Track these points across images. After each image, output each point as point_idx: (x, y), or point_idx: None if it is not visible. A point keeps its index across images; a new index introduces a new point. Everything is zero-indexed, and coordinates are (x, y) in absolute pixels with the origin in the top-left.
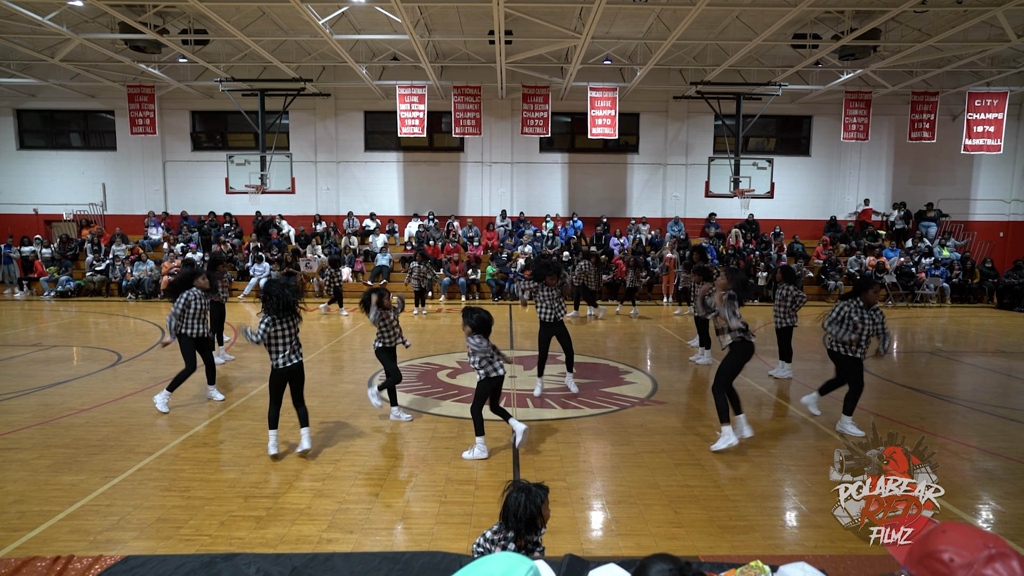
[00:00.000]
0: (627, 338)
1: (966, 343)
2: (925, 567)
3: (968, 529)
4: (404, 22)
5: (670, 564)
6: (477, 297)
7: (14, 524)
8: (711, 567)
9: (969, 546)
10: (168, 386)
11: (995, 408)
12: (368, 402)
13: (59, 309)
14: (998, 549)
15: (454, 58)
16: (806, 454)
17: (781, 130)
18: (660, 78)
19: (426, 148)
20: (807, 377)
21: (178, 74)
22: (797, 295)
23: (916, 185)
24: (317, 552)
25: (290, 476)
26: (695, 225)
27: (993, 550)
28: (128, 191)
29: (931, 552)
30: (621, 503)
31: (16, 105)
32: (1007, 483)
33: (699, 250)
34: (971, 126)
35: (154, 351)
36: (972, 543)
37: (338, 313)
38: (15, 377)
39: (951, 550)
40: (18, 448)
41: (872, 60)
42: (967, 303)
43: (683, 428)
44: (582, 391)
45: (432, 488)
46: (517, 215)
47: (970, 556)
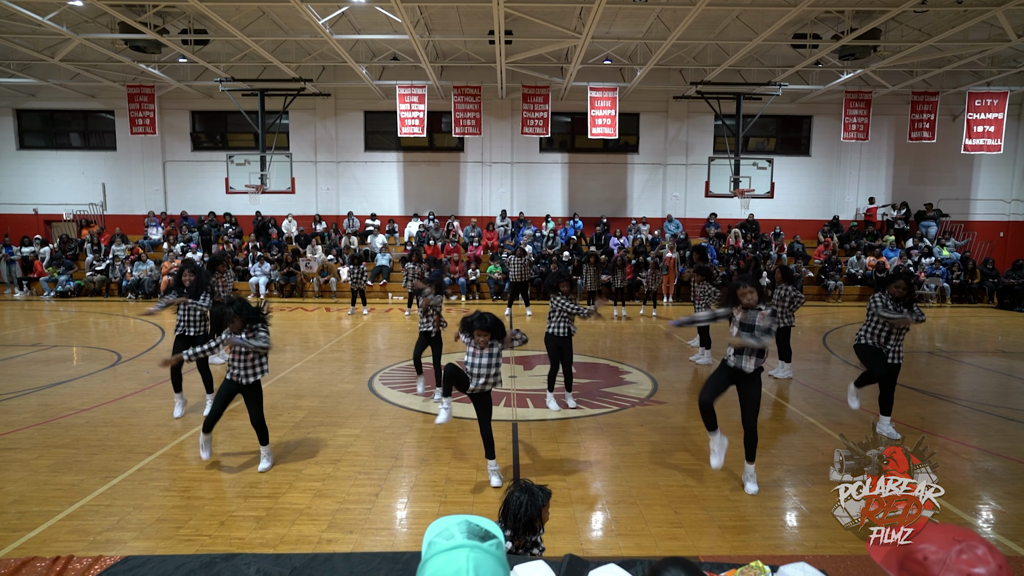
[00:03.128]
0: (627, 338)
1: (966, 343)
2: (906, 570)
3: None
4: (404, 22)
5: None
6: (477, 297)
7: (14, 524)
8: (711, 567)
9: (940, 542)
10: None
11: (995, 408)
12: (367, 402)
13: (59, 309)
14: (967, 542)
15: (454, 58)
16: (806, 454)
17: (781, 130)
18: (660, 78)
19: (426, 148)
20: (807, 377)
21: (178, 74)
22: (795, 295)
23: (916, 185)
24: (317, 552)
25: (290, 476)
26: (695, 225)
27: (963, 543)
28: (128, 191)
29: (908, 554)
30: (621, 503)
31: (16, 105)
32: (1007, 483)
33: (699, 250)
34: (971, 126)
35: (154, 351)
36: (942, 539)
37: (360, 312)
38: (15, 377)
39: (924, 548)
40: (18, 448)
41: (872, 60)
42: (967, 303)
43: (683, 428)
44: (582, 391)
45: (432, 488)
46: (517, 215)
47: (941, 552)
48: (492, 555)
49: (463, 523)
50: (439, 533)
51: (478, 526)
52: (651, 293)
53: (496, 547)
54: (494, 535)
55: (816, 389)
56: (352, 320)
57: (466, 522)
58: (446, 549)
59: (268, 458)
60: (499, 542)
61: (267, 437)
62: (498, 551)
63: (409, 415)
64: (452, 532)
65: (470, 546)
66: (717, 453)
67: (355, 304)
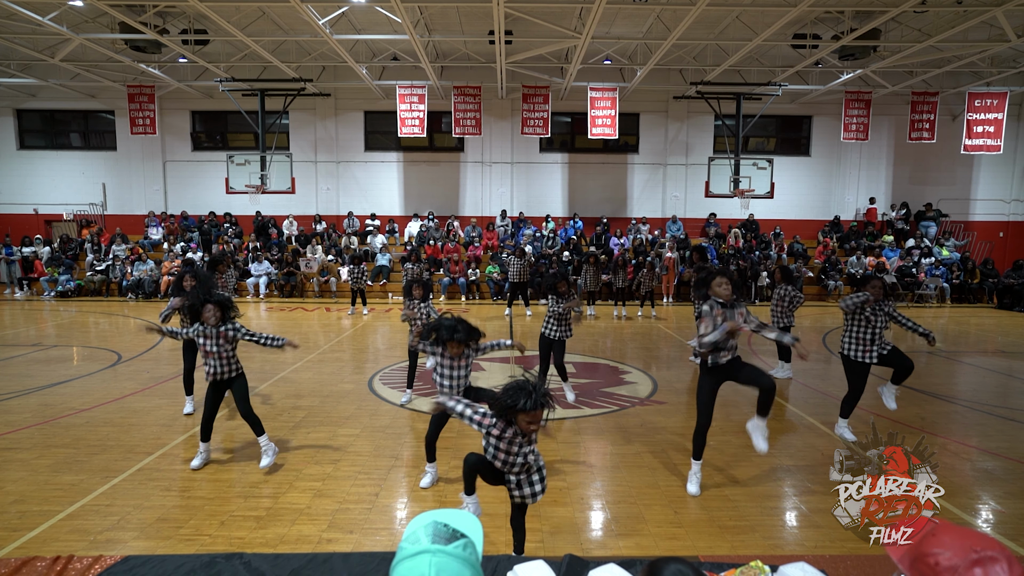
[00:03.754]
0: (627, 338)
1: (966, 343)
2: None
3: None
4: (404, 22)
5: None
6: (477, 297)
7: (14, 524)
8: (711, 567)
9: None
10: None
11: (995, 408)
12: (367, 402)
13: (59, 309)
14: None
15: (454, 58)
16: (806, 454)
17: (781, 130)
18: (660, 78)
19: (426, 148)
20: (807, 377)
21: (178, 74)
22: (795, 295)
23: (916, 185)
24: (317, 552)
25: (290, 476)
26: (695, 225)
27: (980, 554)
28: (128, 191)
29: (922, 554)
30: (621, 503)
31: (16, 105)
32: (1007, 483)
33: (699, 250)
34: (971, 126)
35: (154, 351)
36: (960, 546)
37: (360, 312)
38: (15, 377)
39: (939, 553)
40: (18, 448)
41: (872, 60)
42: (967, 303)
43: (683, 428)
44: (582, 391)
45: (432, 488)
46: (517, 215)
47: (955, 559)
48: (457, 557)
49: (430, 525)
50: (406, 537)
51: (446, 527)
52: (649, 294)
53: (463, 547)
54: (462, 535)
55: (816, 389)
56: (352, 320)
57: (434, 523)
58: (410, 555)
59: (268, 452)
60: (466, 542)
61: (261, 427)
62: (464, 551)
63: (409, 415)
64: (418, 536)
65: (433, 551)
66: (696, 481)
67: (355, 304)
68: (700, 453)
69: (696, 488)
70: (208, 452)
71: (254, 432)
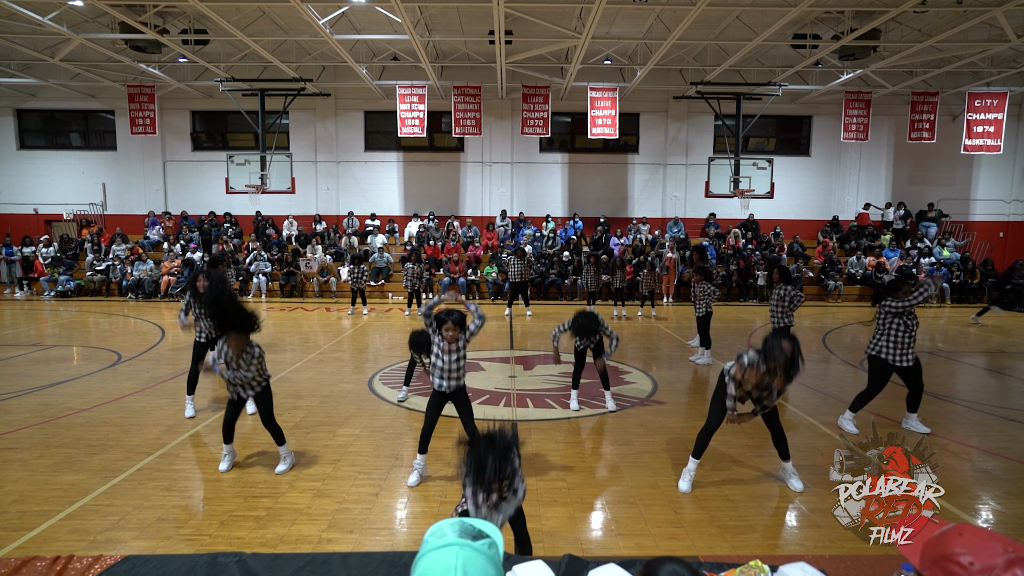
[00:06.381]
0: (627, 338)
1: (966, 343)
2: (940, 569)
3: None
4: (404, 22)
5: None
6: (477, 297)
7: (14, 524)
8: (711, 567)
9: (987, 550)
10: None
11: (995, 408)
12: (367, 402)
13: (59, 309)
14: (1017, 553)
15: (454, 58)
16: (806, 454)
17: (781, 130)
18: (660, 78)
19: (426, 148)
20: (807, 377)
21: (178, 74)
22: (795, 295)
23: (916, 185)
24: (316, 552)
25: (290, 476)
26: (695, 225)
27: (1012, 554)
28: (128, 191)
29: (948, 554)
30: (621, 503)
31: (16, 105)
32: (1007, 483)
33: (699, 250)
34: (971, 126)
35: (154, 351)
36: (990, 547)
37: (360, 312)
38: (15, 377)
39: (969, 553)
40: (18, 448)
41: (872, 60)
42: (967, 303)
43: (683, 428)
44: (581, 391)
45: (432, 488)
46: (517, 215)
47: (989, 560)
48: (483, 554)
49: (457, 523)
50: (432, 532)
51: (472, 526)
52: (649, 293)
53: (488, 546)
54: (487, 535)
55: (816, 389)
56: (352, 320)
57: (460, 522)
58: (437, 547)
59: (287, 460)
60: (491, 542)
61: (282, 437)
62: (490, 550)
63: (409, 415)
64: (445, 531)
65: (460, 544)
66: (689, 479)
67: (355, 304)
68: (700, 452)
69: (688, 486)
70: (233, 453)
71: (275, 441)
